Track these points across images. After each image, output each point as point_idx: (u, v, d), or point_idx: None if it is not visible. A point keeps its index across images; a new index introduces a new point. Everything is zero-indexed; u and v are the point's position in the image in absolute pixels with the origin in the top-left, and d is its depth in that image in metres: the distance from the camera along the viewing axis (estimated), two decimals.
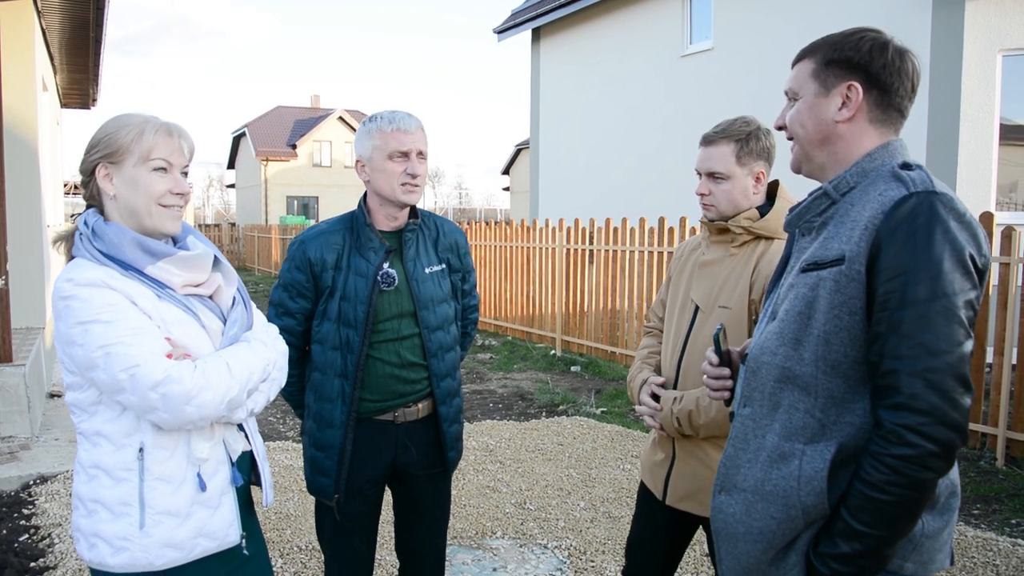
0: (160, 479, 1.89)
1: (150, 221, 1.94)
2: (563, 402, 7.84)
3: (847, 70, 1.67)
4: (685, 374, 2.55)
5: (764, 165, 2.51)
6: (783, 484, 1.63)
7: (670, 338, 2.65)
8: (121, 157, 1.92)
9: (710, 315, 2.50)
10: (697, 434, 2.49)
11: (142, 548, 1.88)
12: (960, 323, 1.48)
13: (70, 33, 9.61)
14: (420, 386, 2.72)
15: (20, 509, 4.89)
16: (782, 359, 1.66)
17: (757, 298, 2.43)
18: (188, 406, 1.82)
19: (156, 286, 1.92)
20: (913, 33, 9.66)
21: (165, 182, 1.94)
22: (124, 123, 1.94)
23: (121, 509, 1.88)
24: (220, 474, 1.98)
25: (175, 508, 1.90)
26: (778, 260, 2.42)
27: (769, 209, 2.51)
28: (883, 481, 1.48)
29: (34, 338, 7.29)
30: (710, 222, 2.56)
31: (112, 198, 1.94)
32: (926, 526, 1.60)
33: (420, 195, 2.66)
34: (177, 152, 1.97)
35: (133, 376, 1.78)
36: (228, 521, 1.99)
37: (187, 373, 1.82)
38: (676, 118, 13.50)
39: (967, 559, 4.18)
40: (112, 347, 1.79)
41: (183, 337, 1.91)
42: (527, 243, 11.42)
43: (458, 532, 4.55)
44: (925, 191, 1.53)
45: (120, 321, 1.81)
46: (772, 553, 1.66)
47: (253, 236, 30.45)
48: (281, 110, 49.20)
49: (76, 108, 14.96)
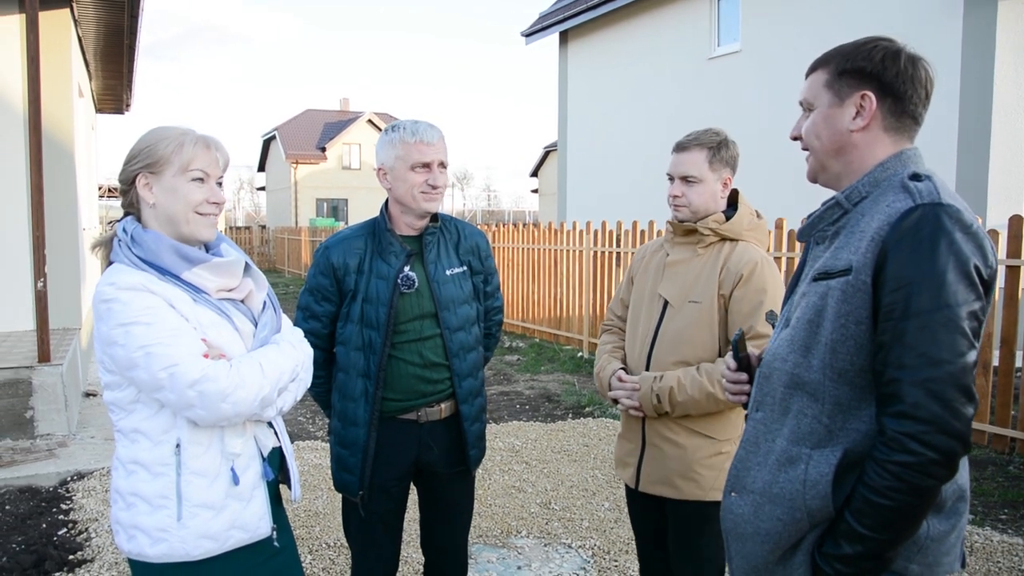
0: (196, 473, 1.98)
1: (187, 228, 2.04)
2: (589, 404, 7.88)
3: (860, 79, 1.70)
4: (655, 365, 2.73)
5: (730, 173, 2.74)
6: (790, 487, 1.68)
7: (638, 332, 2.81)
8: (161, 167, 2.01)
9: (680, 310, 2.70)
10: (673, 411, 2.64)
11: (179, 539, 1.96)
12: (963, 334, 1.50)
13: (105, 41, 9.82)
14: (442, 386, 2.80)
15: (58, 504, 5.03)
16: (792, 366, 1.71)
17: (726, 293, 2.65)
18: (224, 403, 1.91)
19: (192, 290, 2.01)
20: (944, 35, 9.59)
21: (202, 191, 2.04)
22: (164, 135, 2.04)
23: (159, 502, 1.97)
24: (252, 469, 2.07)
25: (210, 501, 1.98)
26: (743, 259, 2.63)
27: (732, 214, 2.74)
28: (885, 487, 1.52)
29: (71, 338, 7.46)
30: (679, 223, 2.76)
31: (151, 206, 2.03)
32: (931, 529, 1.62)
33: (440, 203, 2.75)
34: (213, 164, 2.07)
35: (172, 375, 1.87)
36: (260, 514, 2.07)
37: (223, 372, 1.91)
38: (704, 120, 13.41)
39: (992, 563, 4.18)
40: (152, 347, 1.88)
41: (217, 339, 2.00)
42: (554, 246, 11.46)
43: (484, 531, 4.62)
44: (931, 203, 1.55)
45: (159, 323, 1.90)
46: (779, 553, 1.70)
47: (283, 238, 30.72)
48: (310, 113, 49.59)
49: (110, 113, 15.26)
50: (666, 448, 2.70)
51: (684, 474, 2.65)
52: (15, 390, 6.26)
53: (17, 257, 7.63)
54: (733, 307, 2.63)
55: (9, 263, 7.64)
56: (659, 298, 2.76)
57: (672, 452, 2.69)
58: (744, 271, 2.62)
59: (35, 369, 6.31)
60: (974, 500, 5.14)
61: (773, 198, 7.65)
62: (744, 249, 2.68)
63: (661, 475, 2.71)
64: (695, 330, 2.65)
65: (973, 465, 5.74)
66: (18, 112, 7.60)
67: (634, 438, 2.81)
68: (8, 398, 6.25)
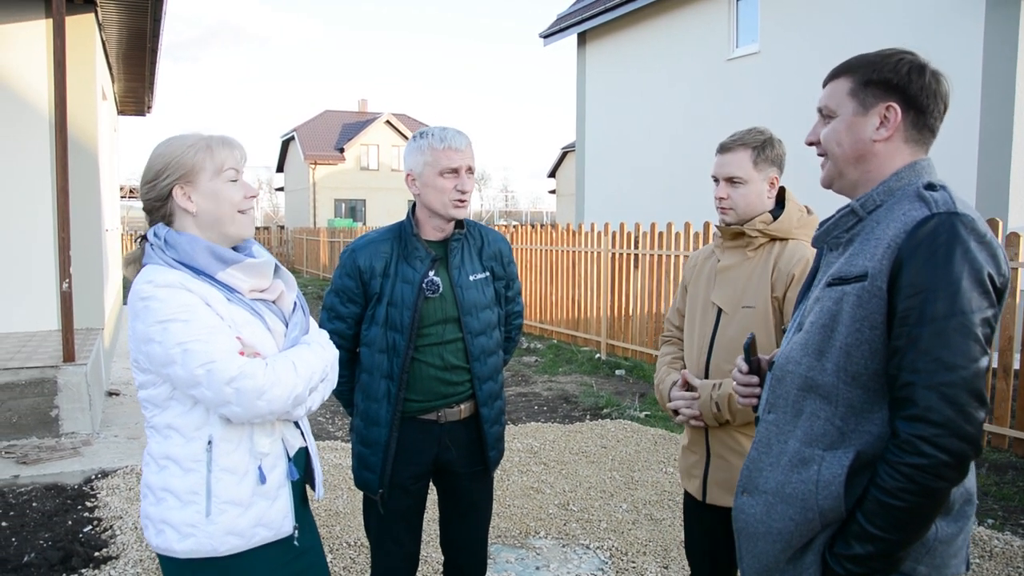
0: (226, 470, 2.01)
1: (233, 228, 2.09)
2: (607, 405, 7.90)
3: (886, 91, 1.72)
4: (714, 373, 2.67)
5: (776, 172, 2.67)
6: (802, 488, 1.71)
7: (694, 341, 2.76)
8: (196, 175, 2.04)
9: (734, 316, 2.64)
10: (734, 420, 2.59)
11: (207, 535, 2.00)
12: (976, 340, 1.53)
13: (128, 44, 9.93)
14: (463, 388, 2.85)
15: (84, 502, 5.11)
16: (805, 368, 1.74)
17: (780, 295, 2.58)
18: (260, 400, 1.94)
19: (226, 290, 2.05)
20: (965, 38, 9.54)
21: (239, 189, 2.09)
22: (186, 143, 2.07)
23: (189, 497, 2.00)
24: (278, 468, 2.11)
25: (239, 498, 2.02)
26: (794, 258, 2.56)
27: (780, 213, 2.67)
28: (897, 488, 1.55)
29: (94, 338, 7.56)
30: (726, 226, 2.70)
31: (193, 215, 2.06)
32: (940, 532, 1.66)
33: (468, 209, 2.79)
34: (239, 161, 2.11)
35: (210, 371, 1.91)
36: (284, 512, 2.11)
37: (260, 370, 1.95)
38: (722, 121, 13.46)
39: (1012, 568, 4.17)
40: (190, 344, 1.91)
41: (251, 338, 2.03)
42: (572, 247, 11.49)
43: (502, 531, 4.65)
44: (947, 212, 1.59)
45: (196, 320, 1.94)
46: (790, 553, 1.74)
47: (302, 239, 30.91)
48: (329, 114, 49.81)
49: (132, 115, 15.40)
50: (732, 459, 2.64)
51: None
52: (40, 389, 6.36)
53: (42, 258, 7.75)
54: (787, 308, 2.57)
55: (34, 264, 7.75)
56: (712, 306, 2.71)
57: (739, 463, 2.60)
58: (796, 270, 2.56)
59: (60, 369, 6.40)
60: (994, 504, 5.13)
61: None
62: (795, 248, 2.61)
63: (729, 486, 2.63)
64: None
65: (994, 469, 5.72)
66: (44, 115, 7.71)
67: (699, 449, 2.75)
68: (33, 397, 6.34)
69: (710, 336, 2.70)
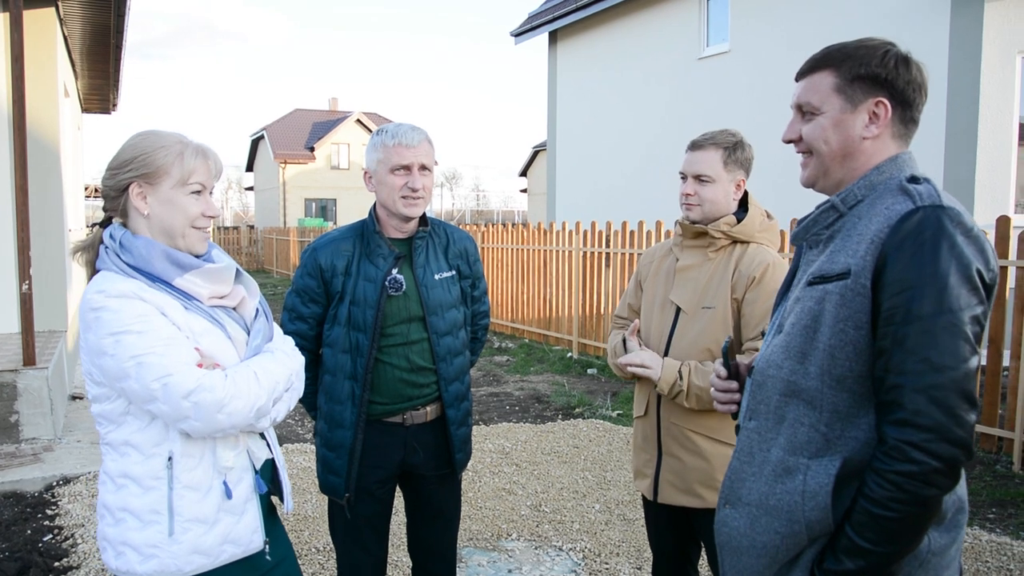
0: (188, 487, 1.92)
1: (183, 242, 1.99)
2: (579, 405, 7.87)
3: (874, 86, 1.65)
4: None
5: (743, 174, 2.69)
6: (787, 499, 1.63)
7: (651, 339, 2.76)
8: (159, 178, 1.94)
9: (693, 316, 2.65)
10: (687, 394, 2.56)
11: (171, 555, 1.91)
12: (966, 339, 1.46)
13: (91, 40, 9.75)
14: (428, 390, 2.79)
15: (44, 510, 4.98)
16: (787, 372, 1.66)
17: (739, 297, 2.60)
18: (220, 414, 1.85)
19: (184, 298, 1.96)
20: (932, 36, 9.62)
21: (200, 205, 1.99)
22: (160, 143, 1.97)
23: (150, 517, 1.91)
24: (244, 482, 2.02)
25: (203, 515, 1.93)
26: (755, 261, 2.56)
27: (743, 216, 2.69)
28: (887, 498, 1.47)
29: (56, 341, 7.40)
30: (691, 224, 2.70)
31: (145, 216, 1.96)
32: (932, 543, 1.58)
33: (423, 208, 2.73)
34: (211, 175, 2.02)
35: (166, 385, 1.81)
36: (252, 527, 2.03)
37: (219, 382, 1.86)
38: (693, 120, 13.50)
39: (981, 563, 4.18)
40: (144, 357, 1.82)
41: (211, 347, 1.95)
42: (544, 246, 11.45)
43: (474, 534, 4.59)
44: (932, 205, 1.52)
45: (152, 332, 1.84)
46: (776, 568, 1.66)
47: (271, 239, 30.61)
48: (299, 113, 49.45)
49: (96, 113, 15.16)
50: (684, 457, 2.65)
51: (706, 483, 2.60)
52: None
53: (1, 259, 7.56)
54: (745, 310, 2.58)
55: None
56: (671, 304, 2.71)
57: (691, 461, 2.63)
58: (756, 273, 2.58)
59: (20, 373, 6.24)
60: None
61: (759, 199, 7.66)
62: (756, 251, 2.64)
63: (682, 485, 2.65)
64: (710, 336, 2.60)
65: None
66: (2, 112, 7.53)
67: (650, 448, 2.75)
68: None
69: (667, 335, 2.71)
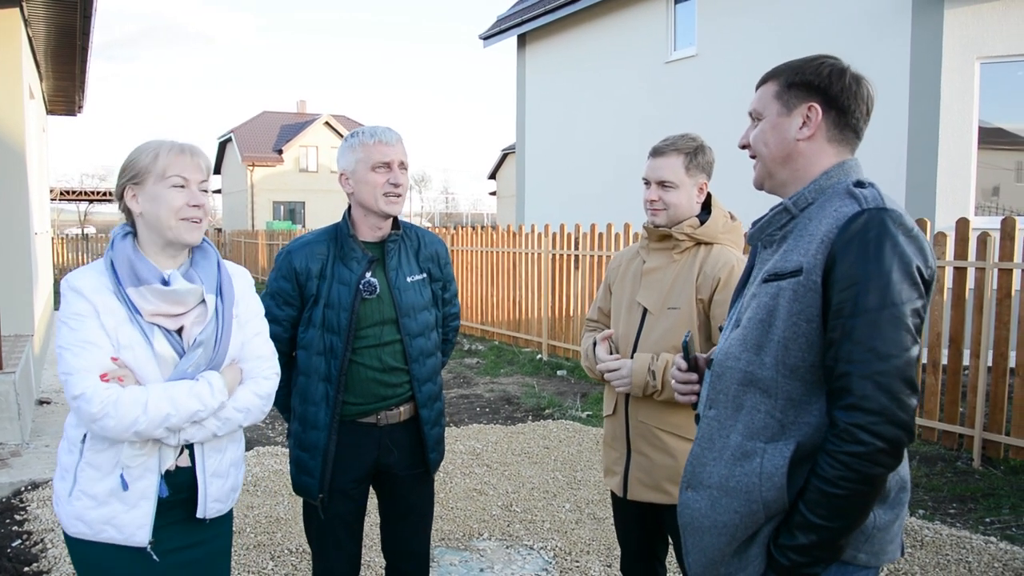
0: (90, 465, 2.15)
1: (172, 233, 2.17)
2: (549, 406, 7.93)
3: (808, 92, 1.80)
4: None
5: (705, 178, 2.76)
6: (746, 480, 1.75)
7: (619, 340, 2.83)
8: (143, 178, 2.17)
9: (659, 316, 2.72)
10: (661, 391, 2.63)
11: (64, 512, 2.18)
12: (907, 330, 1.60)
13: (56, 41, 9.64)
14: (402, 390, 2.83)
15: (12, 515, 4.94)
16: (745, 363, 1.78)
17: (705, 298, 2.66)
18: (93, 424, 2.05)
19: (131, 308, 2.12)
20: (893, 42, 9.82)
21: (183, 196, 2.16)
22: (144, 149, 2.20)
23: (64, 474, 2.19)
24: (145, 480, 2.15)
25: (94, 492, 2.14)
26: (719, 262, 2.65)
27: (707, 218, 2.75)
28: (836, 476, 1.60)
29: (23, 345, 7.32)
30: (655, 228, 2.77)
31: (140, 215, 2.19)
32: (878, 519, 1.72)
33: (402, 206, 2.78)
34: (193, 169, 2.19)
35: (66, 381, 2.06)
36: (139, 523, 2.16)
37: (99, 397, 2.02)
38: (660, 123, 13.61)
39: (941, 556, 4.29)
40: (65, 350, 2.07)
41: (131, 360, 2.11)
42: (513, 248, 11.51)
43: (445, 534, 4.63)
44: (876, 208, 1.65)
45: (79, 330, 2.08)
46: (735, 545, 1.77)
47: (240, 242, 30.38)
48: (267, 115, 49.11)
49: (62, 115, 14.96)
50: (652, 454, 2.71)
51: (674, 479, 2.65)
52: None
53: None
54: (715, 311, 2.65)
55: None
56: (638, 306, 2.78)
57: (659, 458, 2.70)
58: (722, 274, 2.65)
59: None
60: (924, 495, 5.28)
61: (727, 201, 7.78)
62: (719, 252, 2.71)
63: (651, 482, 2.72)
64: (675, 335, 2.66)
65: (924, 461, 5.89)
66: None
67: (619, 446, 2.82)
68: None
69: (635, 335, 2.78)
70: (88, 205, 41.93)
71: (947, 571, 4.13)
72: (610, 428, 2.88)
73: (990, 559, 4.25)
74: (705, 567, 1.84)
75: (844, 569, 1.73)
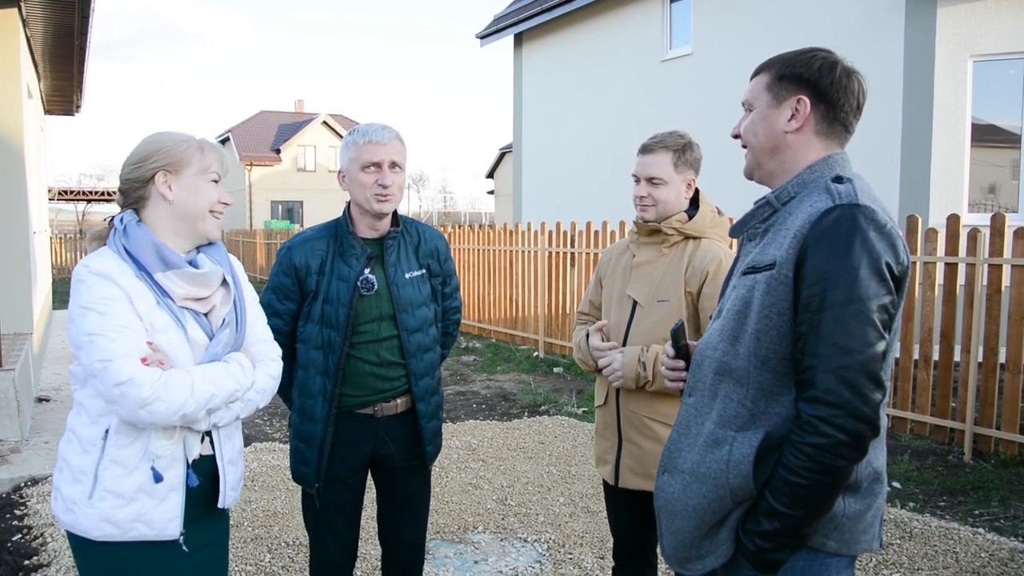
0: (115, 462, 2.06)
1: (202, 225, 2.20)
2: (545, 402, 7.98)
3: (798, 84, 1.82)
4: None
5: (693, 174, 2.83)
6: (715, 467, 1.79)
7: (610, 332, 2.89)
8: (182, 167, 2.16)
9: (649, 309, 2.78)
10: (653, 382, 2.68)
11: (84, 516, 2.06)
12: (873, 325, 1.62)
13: (54, 41, 9.68)
14: (399, 383, 2.88)
15: (12, 510, 5.00)
16: (721, 353, 1.82)
17: (694, 291, 2.73)
18: (142, 410, 1.96)
19: (159, 292, 2.09)
20: (887, 41, 9.87)
21: (217, 192, 2.21)
22: (180, 139, 2.19)
23: (79, 476, 2.08)
24: (174, 471, 2.11)
25: (121, 490, 2.06)
26: (707, 256, 2.72)
27: (695, 213, 2.81)
28: (799, 467, 1.64)
29: (22, 343, 7.37)
30: (645, 223, 2.83)
31: (170, 203, 2.15)
32: (848, 508, 1.75)
33: (394, 205, 2.81)
34: (224, 167, 2.26)
35: (105, 368, 1.96)
36: (170, 516, 2.12)
37: (148, 380, 1.96)
38: (656, 122, 13.61)
39: (930, 547, 4.35)
40: (97, 337, 1.97)
41: (166, 344, 2.06)
42: (510, 246, 11.55)
43: (441, 527, 4.69)
44: (849, 204, 1.67)
45: (111, 315, 1.99)
46: (705, 529, 1.82)
47: (238, 241, 30.42)
48: (265, 115, 49.06)
49: (60, 115, 14.99)
50: (643, 443, 2.77)
51: None
52: None
53: None
54: (704, 304, 2.71)
55: None
56: (628, 299, 2.84)
57: (650, 447, 2.75)
58: (710, 268, 2.71)
59: None
60: (915, 488, 5.34)
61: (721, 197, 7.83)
62: (707, 247, 2.77)
63: (641, 470, 2.78)
64: (665, 328, 2.71)
65: (915, 455, 5.95)
66: None
67: (610, 436, 2.89)
68: None
69: (625, 327, 2.84)
70: (86, 205, 41.97)
71: (934, 561, 4.19)
72: (602, 418, 2.95)
73: (977, 549, 4.31)
74: (677, 549, 1.88)
75: (813, 555, 1.75)
